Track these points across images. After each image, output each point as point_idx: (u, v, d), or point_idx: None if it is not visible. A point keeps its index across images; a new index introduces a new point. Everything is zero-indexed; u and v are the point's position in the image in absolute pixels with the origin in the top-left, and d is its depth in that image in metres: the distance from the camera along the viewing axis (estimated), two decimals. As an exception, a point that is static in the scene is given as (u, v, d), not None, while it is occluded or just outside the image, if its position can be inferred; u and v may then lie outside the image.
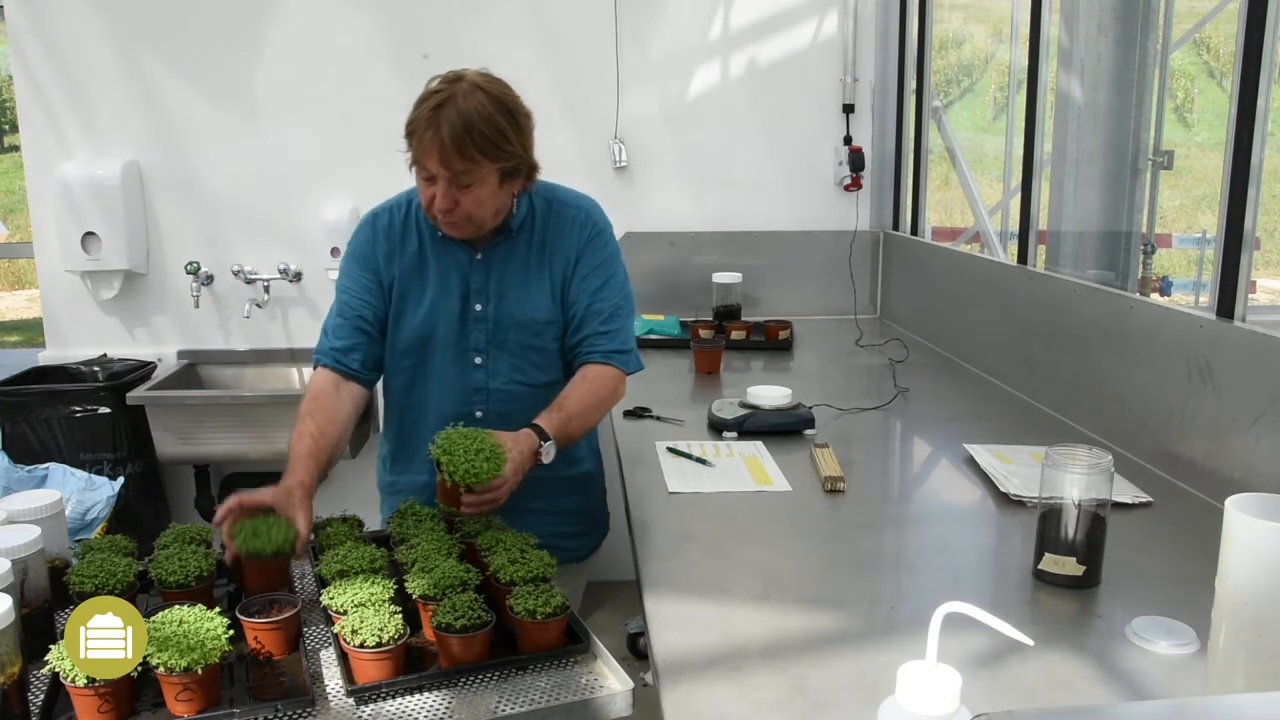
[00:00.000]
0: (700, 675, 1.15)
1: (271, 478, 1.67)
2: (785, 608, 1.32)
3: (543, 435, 1.65)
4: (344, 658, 1.25)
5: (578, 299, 1.84)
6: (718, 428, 2.09)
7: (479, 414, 1.83)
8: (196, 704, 1.15)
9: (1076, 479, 1.32)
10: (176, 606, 1.23)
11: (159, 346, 3.42)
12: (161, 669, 1.14)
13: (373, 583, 1.34)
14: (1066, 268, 2.85)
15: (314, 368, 1.83)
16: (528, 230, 1.84)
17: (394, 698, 1.21)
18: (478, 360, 1.83)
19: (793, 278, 3.47)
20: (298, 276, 3.38)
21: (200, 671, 1.14)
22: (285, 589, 1.47)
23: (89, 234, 3.24)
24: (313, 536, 1.62)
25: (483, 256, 1.82)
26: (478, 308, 1.82)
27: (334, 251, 3.27)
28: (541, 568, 1.39)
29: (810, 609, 1.32)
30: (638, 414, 2.23)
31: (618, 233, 3.58)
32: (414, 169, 1.71)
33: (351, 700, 1.21)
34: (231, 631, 1.21)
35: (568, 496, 1.89)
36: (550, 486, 1.82)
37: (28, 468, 2.00)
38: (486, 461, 1.49)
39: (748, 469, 1.86)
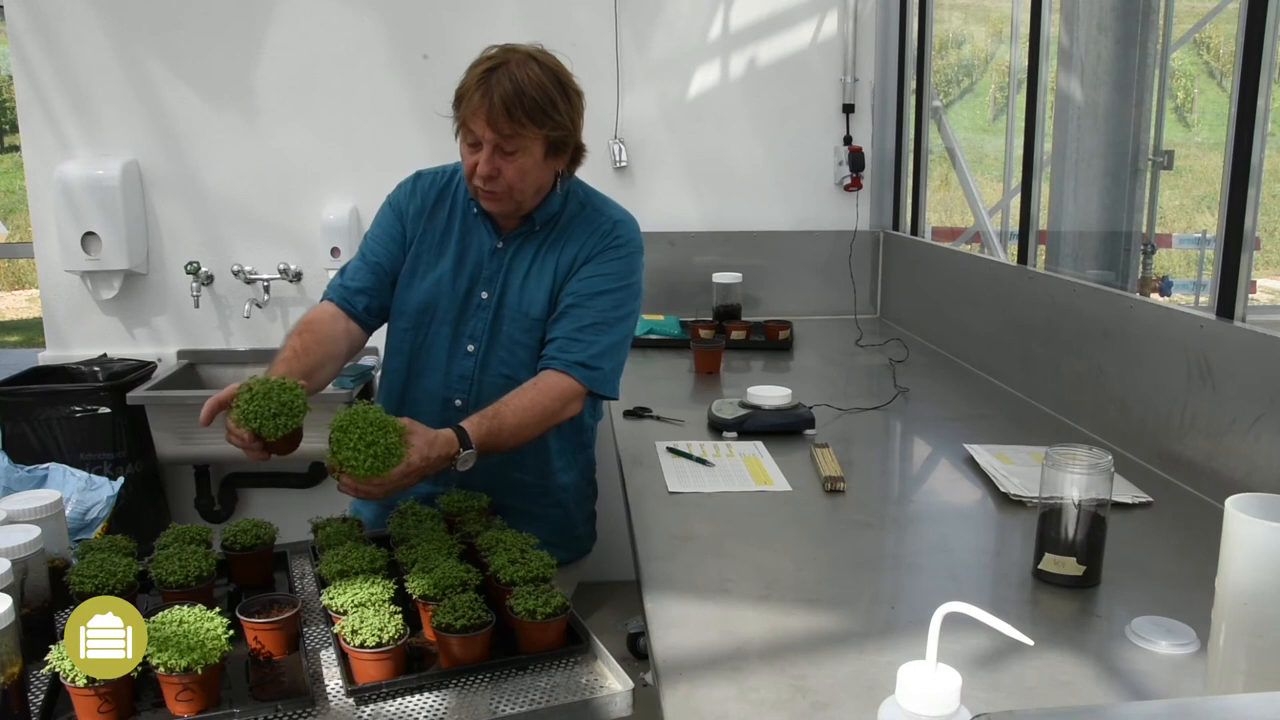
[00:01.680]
0: (700, 675, 1.15)
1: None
2: (785, 608, 1.32)
3: (465, 441, 1.57)
4: (344, 658, 1.25)
5: (564, 298, 1.78)
6: (718, 428, 2.09)
7: (458, 403, 1.81)
8: (196, 704, 1.15)
9: (1076, 479, 1.32)
10: (176, 606, 1.23)
11: (159, 346, 3.42)
12: (161, 669, 1.14)
13: (373, 583, 1.34)
14: (1066, 268, 2.85)
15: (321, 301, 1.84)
16: (550, 226, 1.82)
17: (394, 698, 1.21)
18: (470, 348, 1.81)
19: (793, 278, 3.47)
20: (298, 276, 3.38)
21: (200, 671, 1.14)
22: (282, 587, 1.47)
23: (89, 234, 3.24)
24: (313, 535, 1.62)
25: (503, 246, 1.81)
26: (483, 295, 1.81)
27: (334, 251, 3.27)
28: (542, 568, 1.39)
29: (810, 609, 1.32)
30: (638, 414, 2.23)
31: (618, 233, 3.55)
32: (459, 135, 1.71)
33: (351, 700, 1.21)
34: (231, 631, 1.21)
35: (542, 506, 1.86)
36: (523, 489, 1.81)
37: (28, 468, 1.99)
38: (374, 458, 1.42)
39: (748, 469, 1.86)
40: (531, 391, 1.70)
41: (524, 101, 1.62)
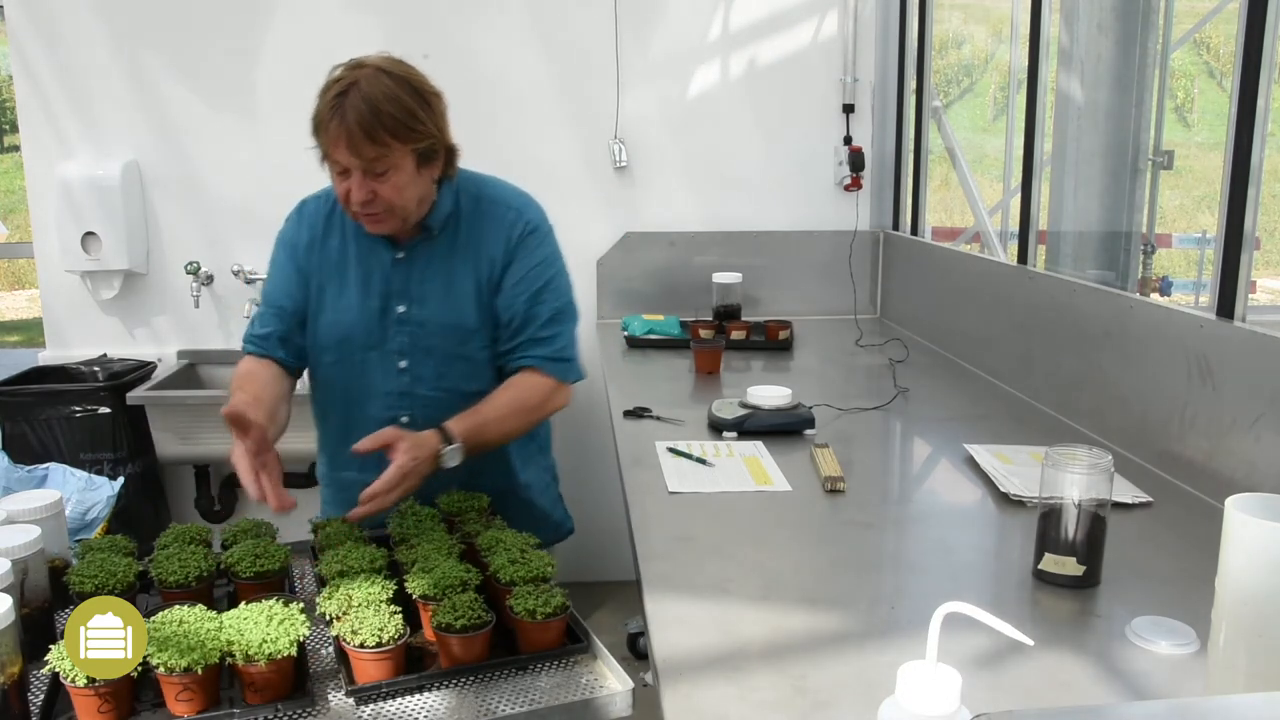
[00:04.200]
0: (700, 675, 1.15)
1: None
2: (785, 608, 1.32)
3: (448, 438, 1.61)
4: (344, 658, 1.25)
5: (513, 303, 1.78)
6: (718, 428, 2.09)
7: (404, 419, 1.78)
8: (196, 704, 1.15)
9: (1076, 479, 1.32)
10: (176, 606, 1.23)
11: (159, 346, 3.42)
12: (161, 669, 1.14)
13: (373, 583, 1.34)
14: (1066, 268, 2.85)
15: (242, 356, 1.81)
16: (452, 229, 1.78)
17: (394, 698, 1.22)
18: (402, 364, 1.78)
19: (793, 278, 3.47)
20: (298, 276, 3.38)
21: (200, 672, 1.14)
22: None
23: (89, 234, 3.24)
24: (313, 535, 1.62)
25: (405, 256, 1.77)
26: (400, 309, 1.77)
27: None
28: (542, 567, 1.39)
29: (810, 609, 1.32)
30: (638, 414, 2.23)
31: (617, 233, 3.60)
32: (325, 165, 1.67)
33: (351, 700, 1.21)
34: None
35: (510, 507, 1.79)
36: (495, 496, 1.75)
37: (28, 468, 1.99)
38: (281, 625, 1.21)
39: (748, 469, 1.86)
40: (509, 391, 1.74)
41: (382, 119, 1.57)
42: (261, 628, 1.18)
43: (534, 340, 1.78)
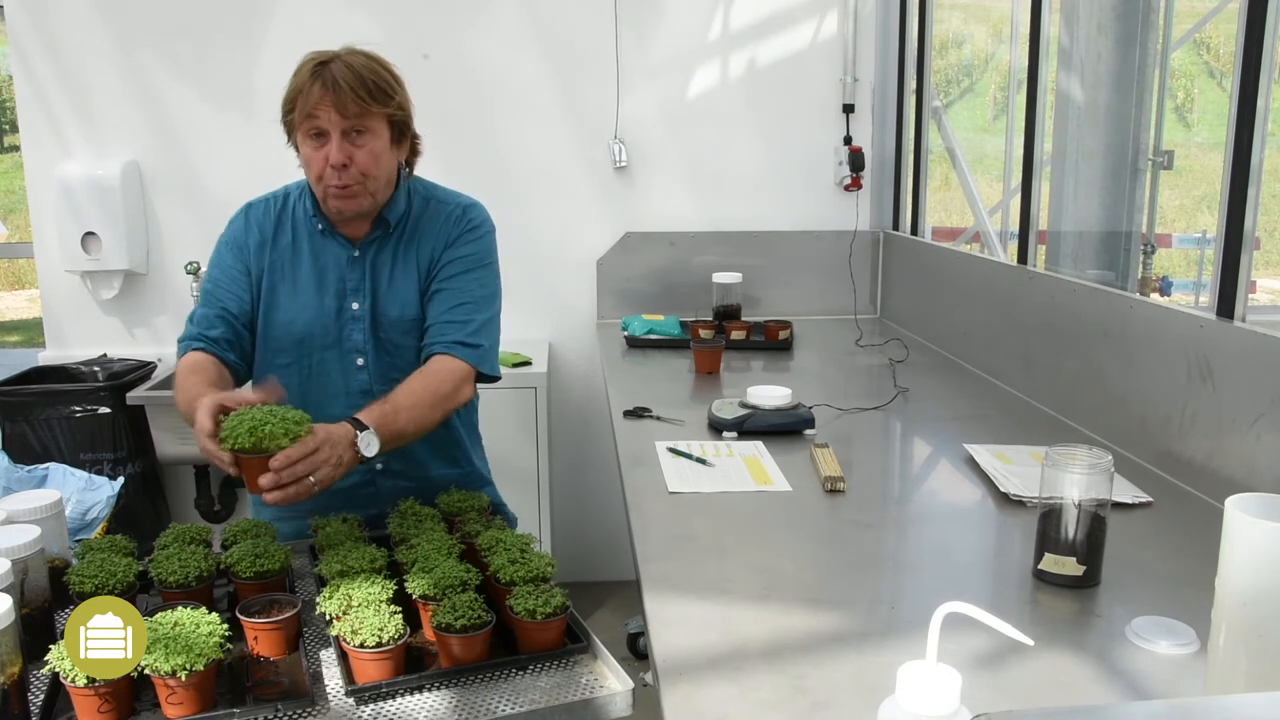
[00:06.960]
0: (700, 675, 1.15)
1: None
2: (785, 608, 1.32)
3: (359, 425, 1.51)
4: (344, 658, 1.25)
5: (436, 287, 1.77)
6: (718, 428, 2.09)
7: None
8: (186, 708, 1.15)
9: (1076, 479, 1.32)
10: (176, 607, 1.23)
11: (159, 346, 3.42)
12: (148, 671, 1.14)
13: (373, 582, 1.34)
14: (1066, 268, 2.85)
15: (179, 355, 1.73)
16: (402, 226, 1.80)
17: (394, 698, 1.22)
18: (360, 361, 1.78)
19: (793, 278, 3.47)
20: (298, 276, 3.38)
21: (184, 678, 1.13)
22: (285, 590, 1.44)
23: (89, 234, 3.24)
24: (312, 536, 1.62)
25: (360, 253, 1.78)
26: (354, 306, 1.77)
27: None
28: (542, 567, 1.39)
29: (810, 609, 1.32)
30: (638, 414, 2.23)
31: (617, 233, 3.60)
32: (300, 138, 1.72)
33: (351, 700, 1.21)
34: (229, 631, 1.21)
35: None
36: (400, 494, 1.72)
37: (28, 468, 1.99)
38: (273, 426, 1.37)
39: (748, 469, 1.86)
40: (419, 376, 1.68)
41: (365, 83, 1.65)
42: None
43: (446, 322, 1.74)
